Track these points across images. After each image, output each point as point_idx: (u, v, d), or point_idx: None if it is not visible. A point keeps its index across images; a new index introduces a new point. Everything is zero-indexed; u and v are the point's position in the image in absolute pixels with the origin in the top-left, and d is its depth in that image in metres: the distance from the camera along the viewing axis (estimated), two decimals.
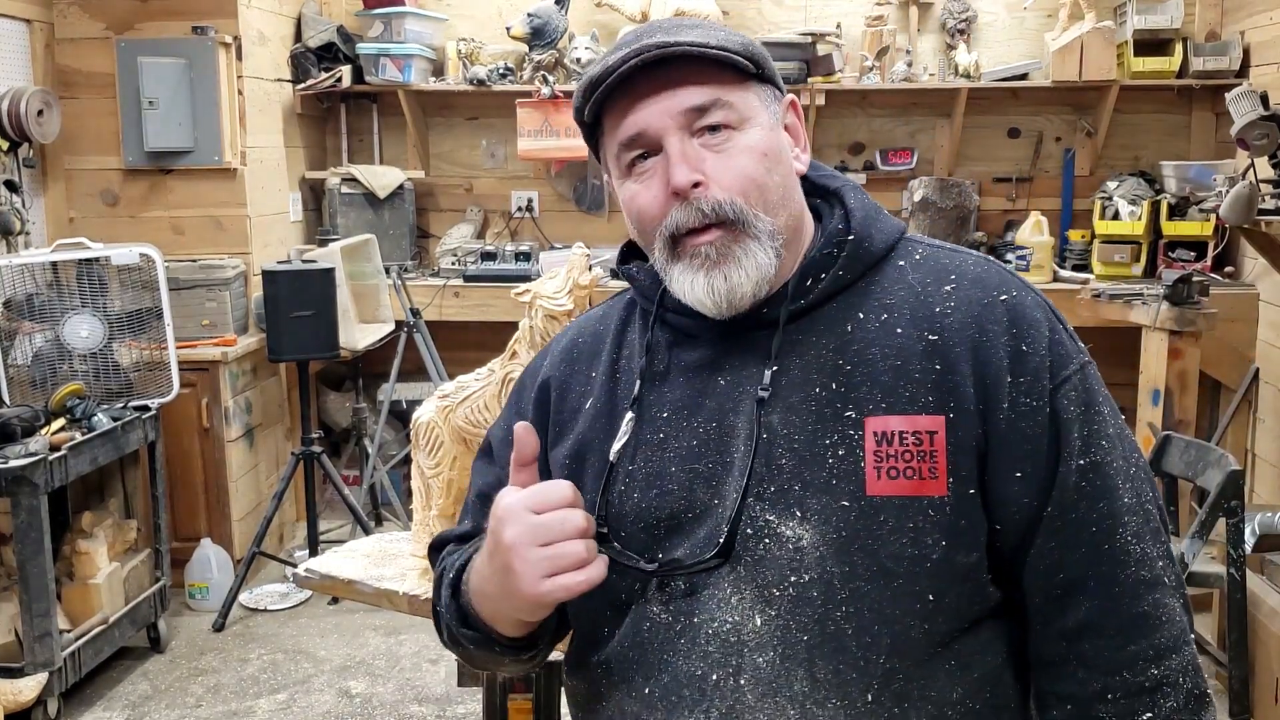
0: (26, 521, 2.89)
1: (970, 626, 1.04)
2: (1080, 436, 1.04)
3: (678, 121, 1.06)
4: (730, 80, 1.07)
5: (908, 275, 1.10)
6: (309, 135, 4.72)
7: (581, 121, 1.13)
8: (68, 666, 3.02)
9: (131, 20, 4.00)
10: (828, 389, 1.05)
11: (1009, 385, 1.03)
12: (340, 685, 3.30)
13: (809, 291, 1.09)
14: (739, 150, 1.06)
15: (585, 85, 1.09)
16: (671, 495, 1.08)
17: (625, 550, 1.08)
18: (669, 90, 1.06)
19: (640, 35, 1.08)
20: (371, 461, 4.32)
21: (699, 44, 1.04)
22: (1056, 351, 1.06)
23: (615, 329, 1.21)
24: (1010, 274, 1.12)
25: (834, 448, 1.03)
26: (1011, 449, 1.03)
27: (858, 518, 1.01)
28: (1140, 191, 4.30)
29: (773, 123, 1.09)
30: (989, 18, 4.55)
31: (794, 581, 1.02)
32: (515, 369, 1.80)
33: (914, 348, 1.05)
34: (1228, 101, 3.25)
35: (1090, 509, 1.03)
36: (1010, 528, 1.04)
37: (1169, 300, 3.30)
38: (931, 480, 1.01)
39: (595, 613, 1.12)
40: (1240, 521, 2.64)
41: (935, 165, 4.66)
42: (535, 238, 4.77)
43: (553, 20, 4.37)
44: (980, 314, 1.06)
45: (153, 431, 3.45)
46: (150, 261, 3.52)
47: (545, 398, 1.21)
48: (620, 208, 1.13)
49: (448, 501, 1.94)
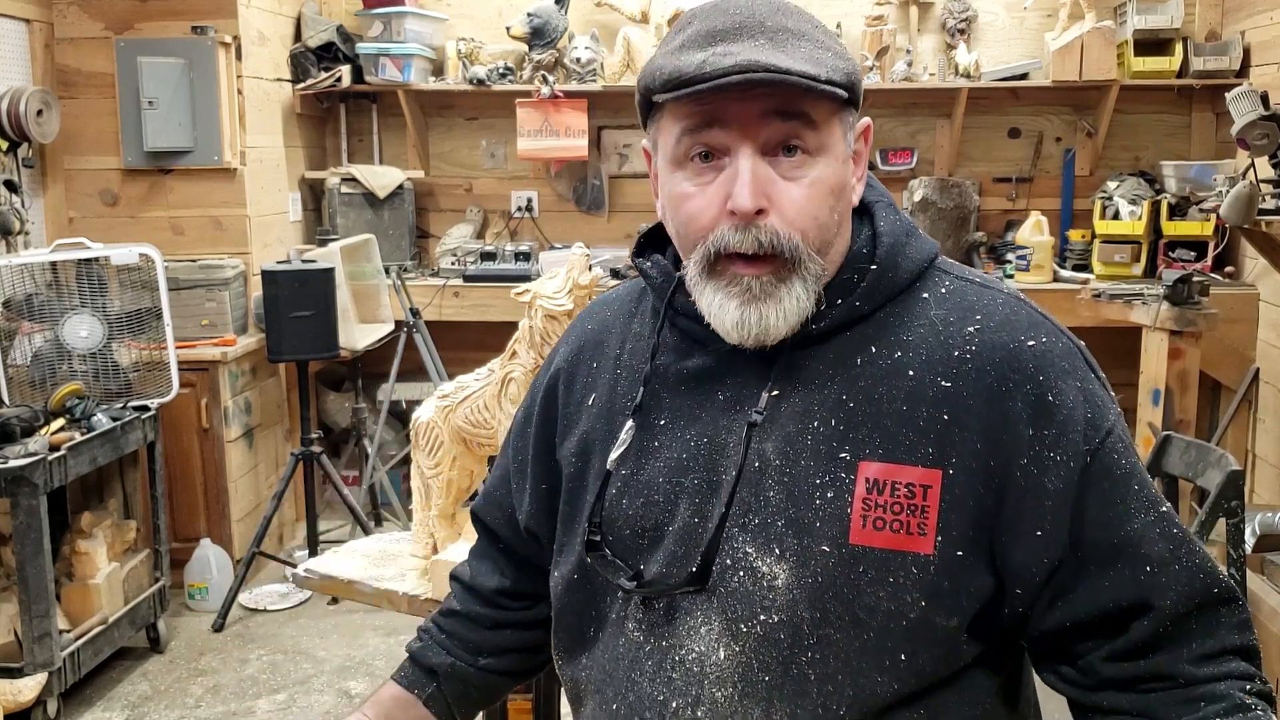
0: (26, 522, 2.89)
1: (944, 681, 1.00)
2: (1119, 500, 0.97)
3: (757, 138, 0.97)
4: (824, 107, 0.98)
5: (930, 310, 1.03)
6: (309, 135, 4.71)
7: (644, 97, 1.02)
8: (67, 667, 3.02)
9: (131, 20, 4.00)
10: (827, 425, 1.00)
11: (1030, 438, 0.97)
12: (340, 685, 3.30)
13: (822, 317, 1.02)
14: (810, 182, 0.97)
15: (669, 77, 0.96)
16: (657, 506, 1.05)
17: (614, 560, 1.07)
18: (758, 103, 0.96)
19: (740, 29, 0.96)
20: (371, 462, 4.32)
21: (808, 76, 0.94)
22: (1091, 406, 0.99)
23: (623, 319, 1.17)
24: (1042, 317, 1.04)
25: (823, 488, 0.98)
26: (1030, 507, 0.97)
27: (836, 564, 0.97)
28: (1140, 191, 4.30)
29: (846, 154, 1.02)
30: (989, 17, 4.55)
31: (763, 620, 0.98)
32: (515, 369, 1.80)
33: (923, 393, 0.98)
34: (1228, 101, 3.25)
35: (1130, 578, 0.97)
36: (1028, 589, 0.98)
37: (1169, 300, 3.30)
38: (919, 536, 0.96)
39: (581, 615, 1.12)
40: (1240, 522, 2.63)
41: (935, 165, 4.66)
42: (535, 238, 4.77)
43: (552, 20, 4.37)
44: (1003, 360, 0.99)
45: (152, 432, 3.45)
46: (150, 261, 3.51)
47: (554, 388, 1.19)
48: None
49: (448, 501, 1.94)
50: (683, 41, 0.98)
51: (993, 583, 0.99)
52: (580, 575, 1.11)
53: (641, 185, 4.71)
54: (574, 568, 1.12)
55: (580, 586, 1.12)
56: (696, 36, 0.98)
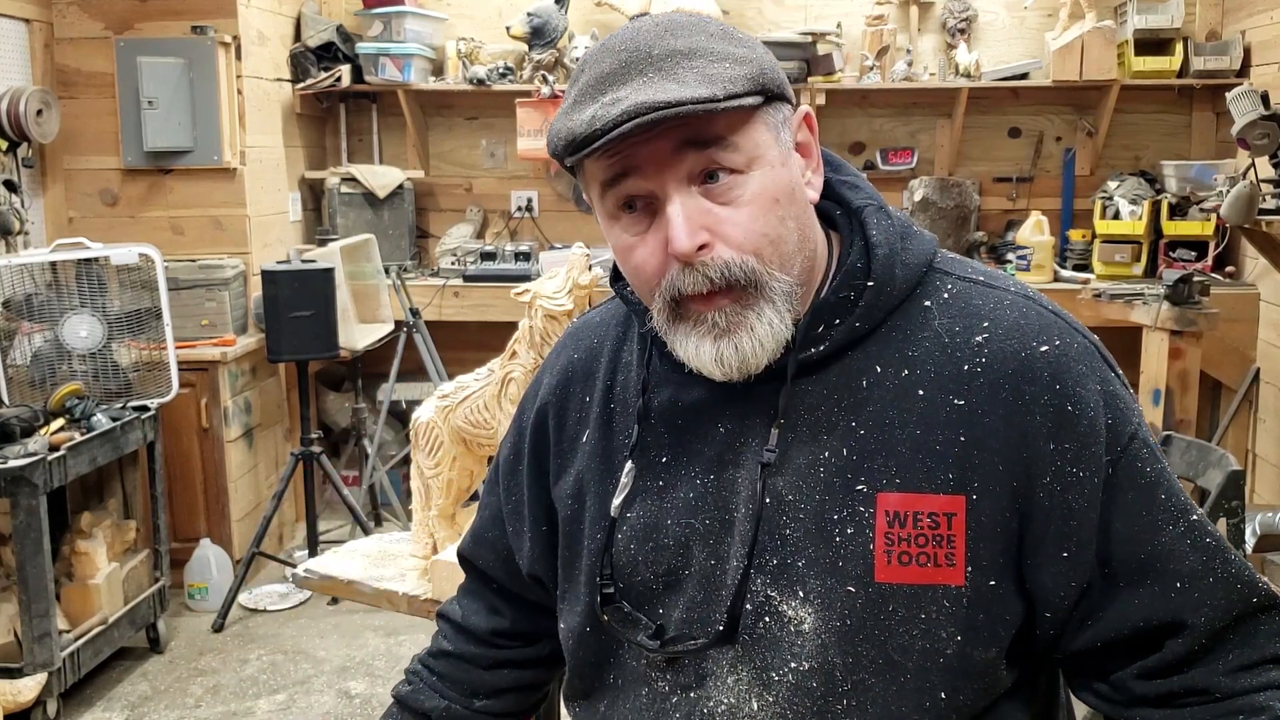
0: (26, 522, 2.89)
1: (984, 711, 0.96)
2: (1145, 512, 0.93)
3: (678, 174, 0.90)
4: (735, 120, 0.90)
5: (934, 320, 0.96)
6: (308, 135, 4.71)
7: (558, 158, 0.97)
8: (67, 667, 3.01)
9: (131, 20, 4.00)
10: (838, 455, 0.94)
11: (1051, 454, 0.91)
12: (340, 686, 3.30)
13: (820, 340, 0.96)
14: (747, 200, 0.91)
15: (564, 141, 0.91)
16: (668, 551, 1.00)
17: (632, 613, 1.01)
18: (665, 140, 0.89)
19: (626, 68, 0.90)
20: (371, 462, 4.32)
21: (703, 100, 0.86)
22: (1112, 410, 0.93)
23: (611, 346, 1.10)
24: (1053, 315, 0.97)
25: (842, 524, 0.93)
26: (1055, 527, 0.92)
27: (864, 605, 0.92)
28: (1141, 191, 4.30)
29: (783, 154, 0.94)
30: (989, 17, 4.55)
31: (793, 668, 0.93)
32: (515, 369, 1.80)
33: (936, 414, 0.93)
34: (1228, 101, 3.25)
35: (1161, 595, 0.92)
36: (1057, 613, 0.94)
37: (1169, 300, 3.30)
38: (948, 568, 0.91)
39: (597, 664, 1.07)
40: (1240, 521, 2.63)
41: (935, 165, 4.66)
42: (535, 237, 4.77)
43: (552, 20, 4.37)
44: (1016, 371, 0.93)
45: (152, 432, 3.44)
46: (149, 261, 3.51)
47: (543, 424, 1.12)
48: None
49: (447, 502, 1.94)
50: (575, 96, 0.93)
51: (1023, 608, 0.94)
52: (593, 627, 1.06)
53: None
54: (585, 619, 1.06)
55: (594, 638, 1.06)
56: (586, 88, 0.92)
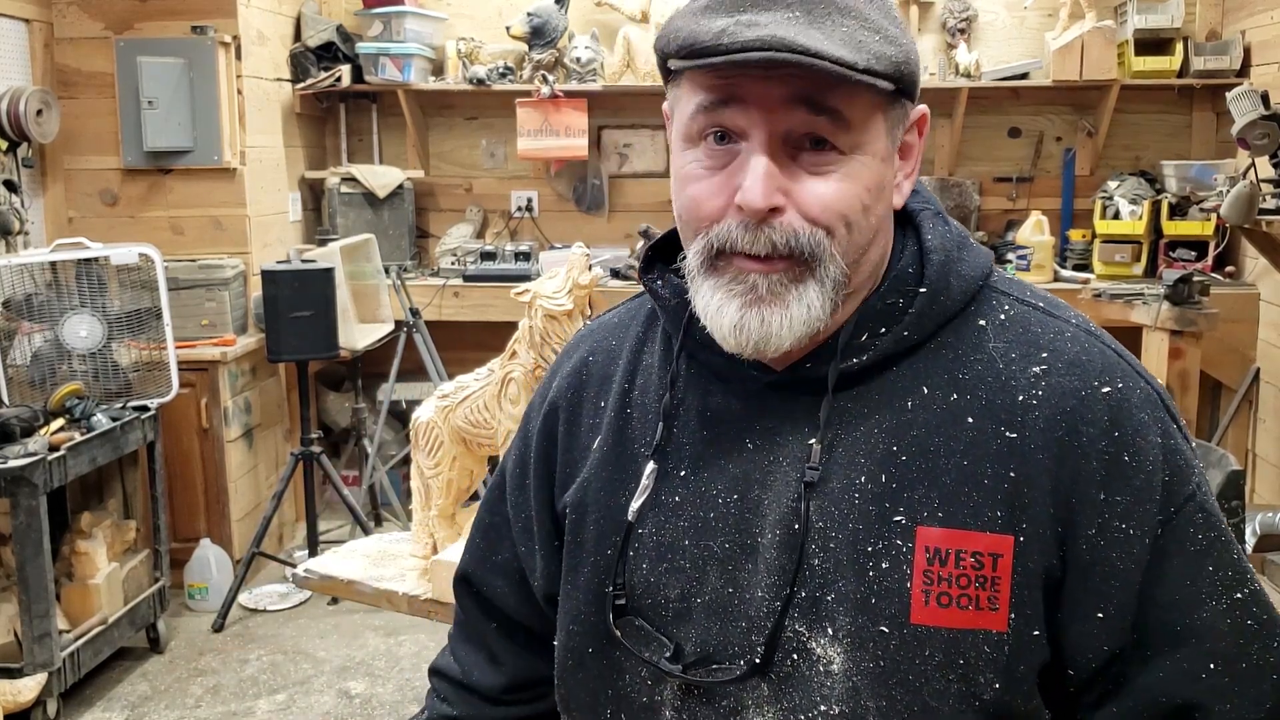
0: (26, 522, 2.89)
1: None
2: (1190, 582, 0.85)
3: (778, 126, 0.82)
4: (861, 100, 0.83)
5: (988, 342, 0.89)
6: (308, 135, 4.71)
7: (661, 59, 0.88)
8: (67, 667, 3.01)
9: (131, 20, 4.00)
10: (876, 481, 0.86)
11: (1100, 504, 0.84)
12: (340, 686, 3.30)
13: (864, 349, 0.88)
14: (839, 178, 0.83)
15: (683, 43, 0.82)
16: (682, 573, 0.92)
17: (651, 631, 0.93)
18: (782, 87, 0.81)
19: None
20: (371, 462, 4.32)
21: (842, 62, 0.78)
22: (1171, 467, 0.85)
23: (631, 348, 1.02)
24: (1116, 355, 0.89)
25: (877, 558, 0.85)
26: (1093, 584, 0.84)
27: (898, 647, 0.84)
28: (1141, 191, 4.30)
29: (889, 150, 0.87)
30: (989, 17, 4.55)
31: (823, 710, 0.86)
32: (515, 369, 1.80)
33: (986, 445, 0.85)
34: (1228, 101, 3.25)
35: (1189, 674, 0.84)
36: (1081, 673, 0.86)
37: (1170, 300, 3.30)
38: (990, 612, 0.83)
39: (594, 694, 0.98)
40: (1240, 521, 2.63)
41: (936, 165, 4.66)
42: (535, 237, 4.77)
43: (552, 19, 4.37)
44: (1074, 410, 0.85)
45: (152, 432, 3.44)
46: (149, 261, 3.51)
47: (552, 427, 1.04)
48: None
49: (447, 501, 1.94)
50: (709, 1, 0.84)
51: (1052, 658, 0.88)
52: (595, 648, 0.97)
53: (642, 185, 4.70)
54: (586, 637, 0.97)
55: (595, 661, 0.97)
56: (710, 4, 0.83)
